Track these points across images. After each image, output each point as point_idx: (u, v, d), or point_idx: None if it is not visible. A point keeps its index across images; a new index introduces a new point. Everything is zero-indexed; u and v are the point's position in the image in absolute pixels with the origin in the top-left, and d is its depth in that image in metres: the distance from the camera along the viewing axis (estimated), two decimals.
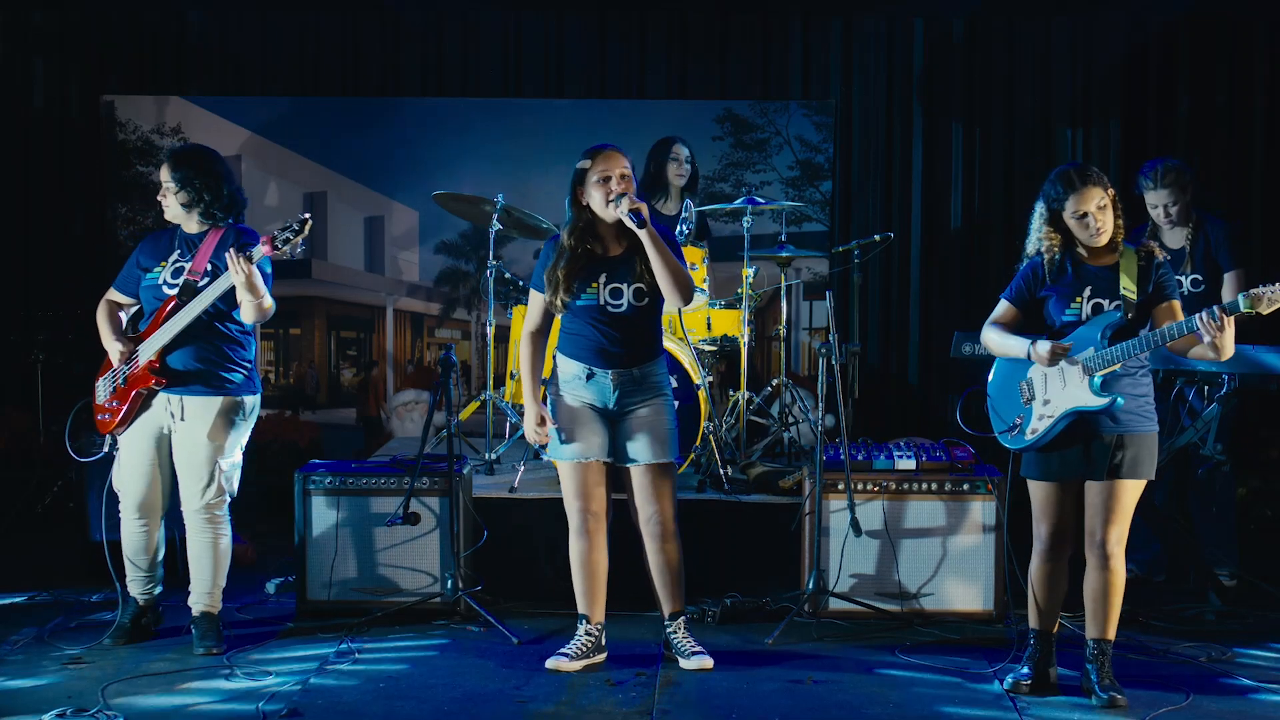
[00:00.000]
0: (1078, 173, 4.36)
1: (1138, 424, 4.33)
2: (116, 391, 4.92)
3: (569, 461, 4.71)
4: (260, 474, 7.99)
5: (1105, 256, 4.41)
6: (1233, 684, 4.63)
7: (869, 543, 5.43)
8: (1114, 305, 4.33)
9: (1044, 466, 4.42)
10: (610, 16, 8.15)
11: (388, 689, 4.51)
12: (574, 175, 4.68)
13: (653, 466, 4.71)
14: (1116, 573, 4.35)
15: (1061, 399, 4.34)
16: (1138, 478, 4.33)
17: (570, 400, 4.72)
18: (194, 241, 4.95)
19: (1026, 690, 4.45)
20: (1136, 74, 8.01)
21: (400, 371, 8.40)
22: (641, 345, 4.72)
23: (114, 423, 4.91)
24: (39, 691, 4.43)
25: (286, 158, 8.29)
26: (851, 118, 8.19)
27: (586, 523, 4.72)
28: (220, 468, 4.91)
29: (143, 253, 5.02)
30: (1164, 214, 5.84)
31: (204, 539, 4.95)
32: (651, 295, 4.68)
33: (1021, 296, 4.50)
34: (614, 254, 4.71)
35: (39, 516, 7.04)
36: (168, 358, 4.85)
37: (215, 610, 4.99)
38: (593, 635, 4.77)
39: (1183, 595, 5.67)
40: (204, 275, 4.86)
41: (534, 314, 4.79)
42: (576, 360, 4.70)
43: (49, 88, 8.19)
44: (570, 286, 4.63)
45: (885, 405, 8.02)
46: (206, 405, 4.86)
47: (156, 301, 4.90)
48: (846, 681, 4.64)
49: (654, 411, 4.71)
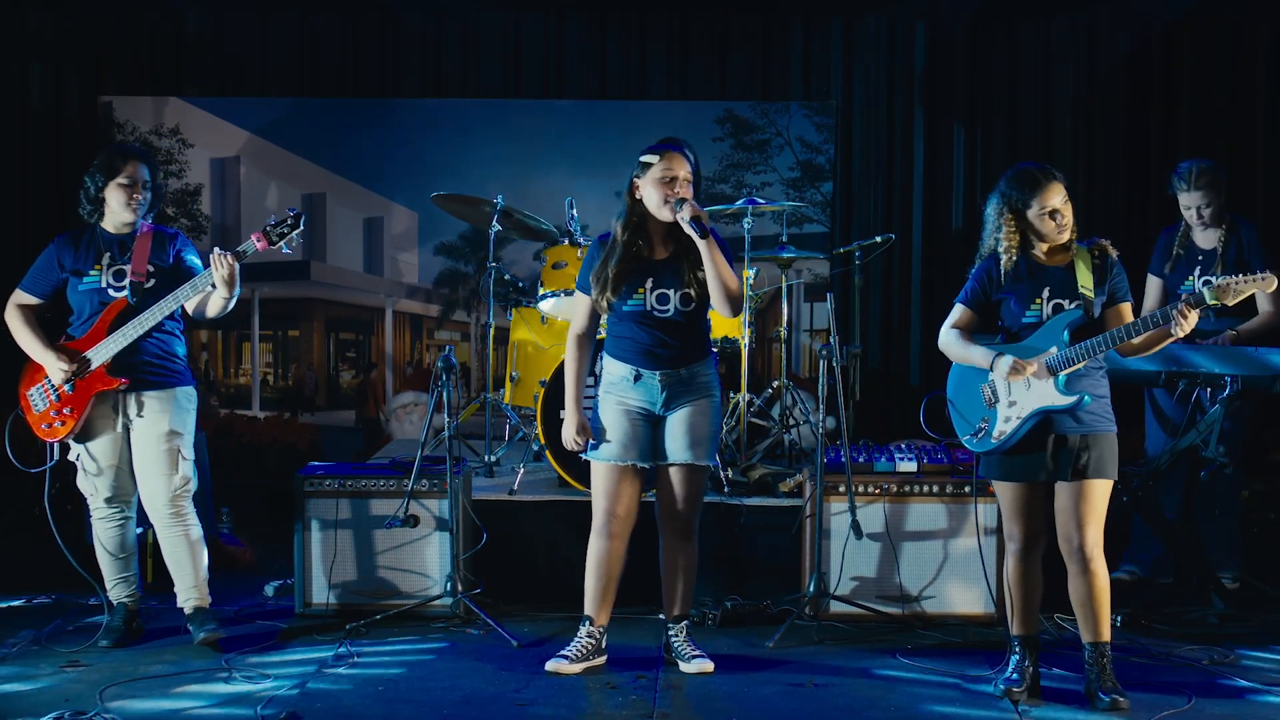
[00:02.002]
0: (1040, 170, 4.37)
1: (1099, 424, 4.33)
2: (63, 398, 4.89)
3: (604, 462, 4.68)
4: (259, 476, 7.99)
5: (1061, 255, 4.41)
6: (1236, 687, 4.61)
7: (870, 545, 5.41)
8: (1074, 305, 4.32)
9: (1009, 468, 4.40)
10: (610, 17, 8.13)
11: (387, 692, 4.50)
12: (636, 167, 4.64)
13: (688, 467, 4.68)
14: (1099, 575, 4.32)
15: (1027, 399, 4.33)
16: (1105, 477, 4.32)
17: (615, 403, 4.68)
18: (124, 243, 4.97)
19: (1019, 695, 4.42)
20: (1139, 75, 8.00)
21: (399, 373, 8.38)
22: (689, 346, 4.68)
23: (66, 430, 4.90)
24: (37, 694, 4.41)
25: (285, 159, 8.27)
26: (852, 118, 8.17)
27: (610, 524, 4.68)
28: (182, 456, 4.95)
29: (64, 255, 5.01)
30: (1197, 215, 5.81)
31: (175, 534, 4.98)
32: (699, 301, 4.64)
33: (977, 299, 4.50)
34: (660, 257, 4.67)
35: (36, 519, 7.01)
36: (121, 358, 4.87)
37: (206, 603, 5.03)
38: (594, 638, 4.75)
39: (1185, 598, 5.65)
40: (147, 276, 4.91)
41: (580, 316, 4.75)
42: (624, 362, 4.66)
43: (47, 88, 8.17)
44: (619, 287, 4.59)
45: (886, 407, 7.99)
46: (164, 397, 4.92)
47: (99, 304, 4.91)
48: (847, 685, 4.62)
49: (698, 411, 4.67)
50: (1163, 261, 6.02)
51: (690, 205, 4.51)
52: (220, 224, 8.23)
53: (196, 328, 5.63)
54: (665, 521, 4.76)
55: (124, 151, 5.03)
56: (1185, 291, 5.84)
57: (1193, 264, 5.90)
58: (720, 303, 4.57)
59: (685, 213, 4.49)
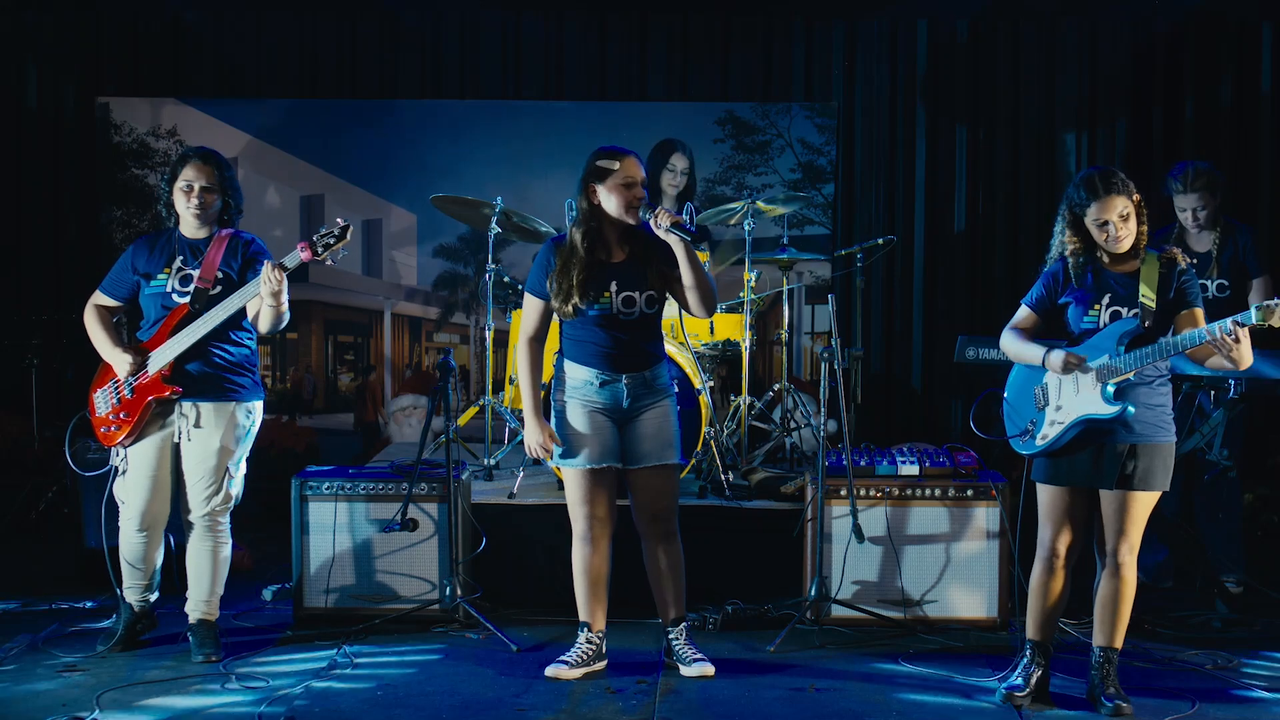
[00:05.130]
0: (1102, 179, 4.29)
1: (1153, 434, 4.29)
2: (123, 402, 4.83)
3: (577, 468, 4.65)
4: (257, 479, 7.96)
5: (1127, 263, 4.36)
6: (1239, 692, 4.58)
7: (872, 549, 5.39)
8: (1132, 313, 4.28)
9: (1052, 471, 4.38)
10: (611, 18, 8.12)
11: (385, 697, 4.47)
12: (590, 171, 4.57)
13: (659, 468, 4.67)
14: (1127, 581, 4.31)
15: (1073, 406, 4.30)
16: (1150, 489, 4.28)
17: (579, 406, 4.65)
18: (198, 248, 4.88)
19: (1021, 701, 4.39)
20: (1142, 76, 7.99)
21: (398, 376, 8.36)
22: (650, 348, 4.68)
23: (121, 434, 4.83)
24: (34, 699, 4.39)
25: (284, 160, 8.25)
26: (854, 120, 8.16)
27: (592, 529, 4.67)
28: (230, 473, 4.89)
29: (138, 257, 4.94)
30: (1192, 218, 5.79)
31: (205, 546, 4.92)
32: (660, 300, 4.64)
33: (1043, 302, 4.46)
34: (617, 260, 4.64)
35: (33, 523, 7.00)
36: (181, 365, 4.80)
37: (213, 618, 4.96)
38: (593, 643, 4.73)
39: (1189, 602, 5.64)
40: (214, 283, 4.82)
41: (531, 319, 4.71)
42: (587, 366, 4.63)
43: (44, 90, 8.16)
44: (585, 294, 4.55)
45: (888, 410, 7.99)
46: (221, 411, 4.83)
47: (163, 309, 4.84)
48: (849, 689, 4.60)
49: (661, 413, 4.67)
50: None
51: (666, 212, 4.48)
52: None
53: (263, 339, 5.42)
54: (646, 525, 4.73)
55: (185, 154, 4.93)
56: None
57: None
58: (697, 304, 4.57)
59: (664, 221, 4.45)
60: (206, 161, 4.88)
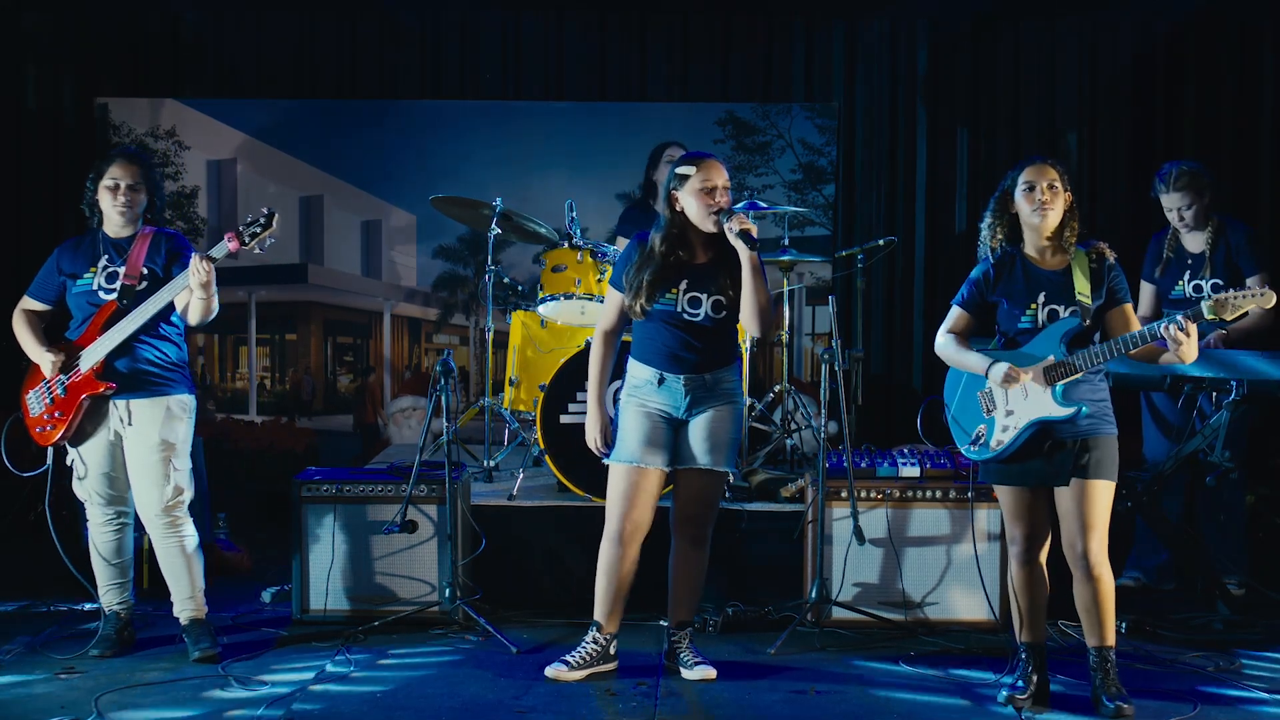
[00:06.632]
0: (1039, 157, 4.38)
1: (1099, 426, 4.28)
2: (56, 401, 4.86)
3: (623, 464, 4.63)
4: (256, 481, 7.95)
5: (1056, 259, 4.36)
6: (1241, 694, 4.57)
7: (872, 551, 5.38)
8: (1070, 311, 4.27)
9: (1005, 474, 4.38)
10: (611, 18, 8.11)
11: (385, 699, 4.46)
12: (671, 179, 4.63)
13: (702, 471, 4.65)
14: (1103, 580, 4.28)
15: (1025, 409, 4.28)
16: (1104, 478, 4.26)
17: (638, 406, 4.65)
18: (123, 246, 4.93)
19: (1022, 703, 4.38)
20: (1143, 77, 7.98)
21: (398, 377, 8.34)
22: (716, 352, 4.65)
23: (57, 433, 4.85)
24: (32, 702, 4.38)
25: (283, 161, 8.24)
26: (855, 120, 8.15)
27: (624, 529, 4.63)
28: (175, 467, 4.89)
29: (63, 259, 4.98)
30: (1179, 217, 5.80)
31: (170, 544, 4.93)
32: (730, 309, 4.63)
33: (974, 301, 4.47)
34: (698, 261, 4.65)
35: (31, 524, 6.97)
36: (112, 362, 4.82)
37: (202, 614, 4.97)
38: (600, 644, 4.70)
39: (1191, 604, 5.62)
40: (140, 279, 4.86)
41: (610, 313, 4.74)
42: (648, 365, 4.64)
43: (43, 90, 8.15)
44: (653, 294, 4.58)
45: (888, 412, 7.96)
46: (154, 406, 4.86)
47: (91, 307, 4.88)
48: (850, 692, 4.59)
49: (720, 417, 4.64)
50: (1153, 266, 6.00)
51: (738, 218, 4.51)
52: (216, 227, 8.19)
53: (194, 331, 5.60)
54: (680, 526, 4.73)
55: (112, 153, 5.00)
56: (1176, 296, 5.83)
57: (1182, 268, 5.88)
58: (751, 319, 4.55)
59: (735, 226, 4.48)
60: (133, 160, 4.95)
